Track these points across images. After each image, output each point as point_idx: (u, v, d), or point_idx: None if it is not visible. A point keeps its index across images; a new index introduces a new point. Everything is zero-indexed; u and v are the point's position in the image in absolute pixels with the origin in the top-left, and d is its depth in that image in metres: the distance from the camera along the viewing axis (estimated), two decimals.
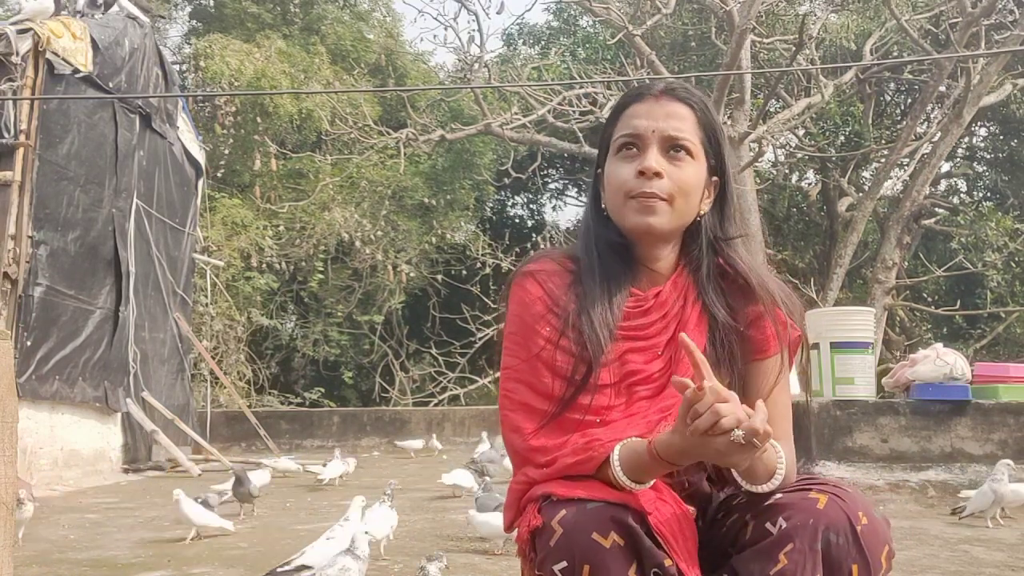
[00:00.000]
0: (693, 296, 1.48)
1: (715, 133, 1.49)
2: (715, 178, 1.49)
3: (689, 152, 1.44)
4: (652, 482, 1.29)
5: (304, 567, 3.20)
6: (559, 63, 15.03)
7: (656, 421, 1.37)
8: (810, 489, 1.29)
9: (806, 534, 1.24)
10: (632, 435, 1.32)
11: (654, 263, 1.48)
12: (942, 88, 13.20)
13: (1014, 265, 14.10)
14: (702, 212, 1.48)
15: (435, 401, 13.57)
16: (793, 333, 1.48)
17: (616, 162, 1.46)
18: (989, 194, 17.73)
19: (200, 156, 10.96)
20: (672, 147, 1.43)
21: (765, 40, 12.63)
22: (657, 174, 1.41)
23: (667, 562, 1.23)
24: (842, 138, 14.65)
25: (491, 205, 18.56)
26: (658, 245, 1.48)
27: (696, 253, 1.49)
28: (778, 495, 1.30)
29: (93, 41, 7.94)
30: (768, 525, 1.26)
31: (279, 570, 3.23)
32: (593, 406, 1.38)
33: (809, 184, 17.15)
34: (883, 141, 14.70)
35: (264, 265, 13.73)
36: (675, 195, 1.43)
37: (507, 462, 6.56)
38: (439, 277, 15.16)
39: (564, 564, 1.22)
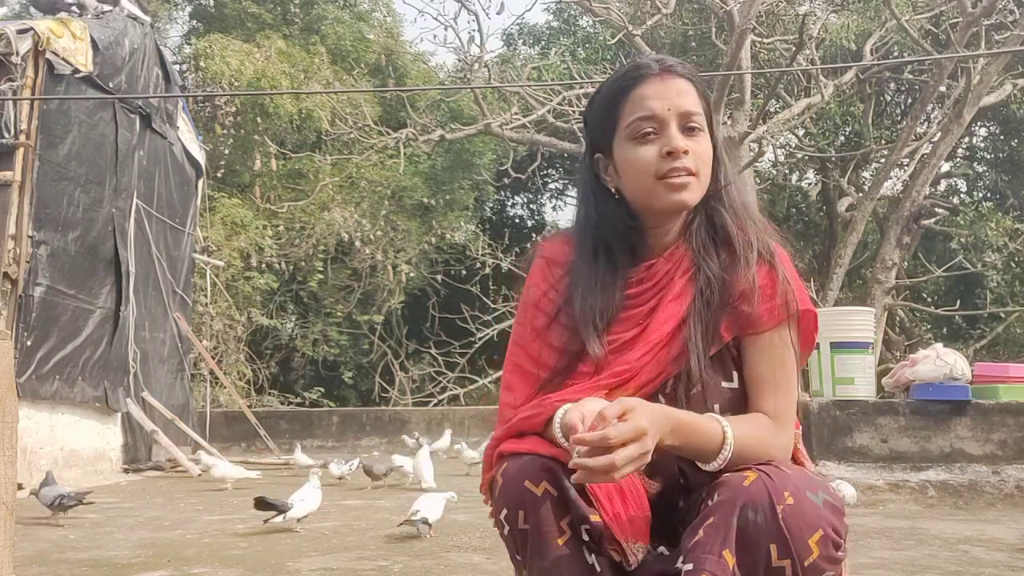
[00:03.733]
0: (685, 266, 1.49)
1: (709, 103, 1.53)
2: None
3: (700, 126, 1.47)
4: None
5: (426, 521, 4.15)
6: (559, 63, 15.02)
7: (608, 385, 1.42)
8: (750, 468, 1.31)
9: (724, 509, 1.26)
10: (581, 398, 1.36)
11: (663, 237, 1.52)
12: (942, 88, 13.18)
13: (1014, 265, 14.09)
14: None
15: (435, 401, 13.57)
16: (792, 308, 1.45)
17: (633, 146, 1.47)
18: (989, 194, 17.70)
19: (200, 156, 10.96)
20: (687, 123, 1.46)
21: (765, 40, 12.63)
22: (685, 152, 1.44)
23: (594, 517, 1.31)
24: (842, 138, 14.65)
25: (491, 205, 18.55)
26: (674, 218, 1.51)
27: (691, 220, 1.53)
28: (728, 474, 1.32)
29: (93, 41, 7.94)
30: (709, 501, 1.31)
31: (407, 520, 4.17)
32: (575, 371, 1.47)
33: (809, 184, 17.15)
34: (883, 141, 14.70)
35: (264, 265, 13.72)
36: (700, 168, 1.46)
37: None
38: (439, 277, 15.15)
39: (506, 511, 1.33)
